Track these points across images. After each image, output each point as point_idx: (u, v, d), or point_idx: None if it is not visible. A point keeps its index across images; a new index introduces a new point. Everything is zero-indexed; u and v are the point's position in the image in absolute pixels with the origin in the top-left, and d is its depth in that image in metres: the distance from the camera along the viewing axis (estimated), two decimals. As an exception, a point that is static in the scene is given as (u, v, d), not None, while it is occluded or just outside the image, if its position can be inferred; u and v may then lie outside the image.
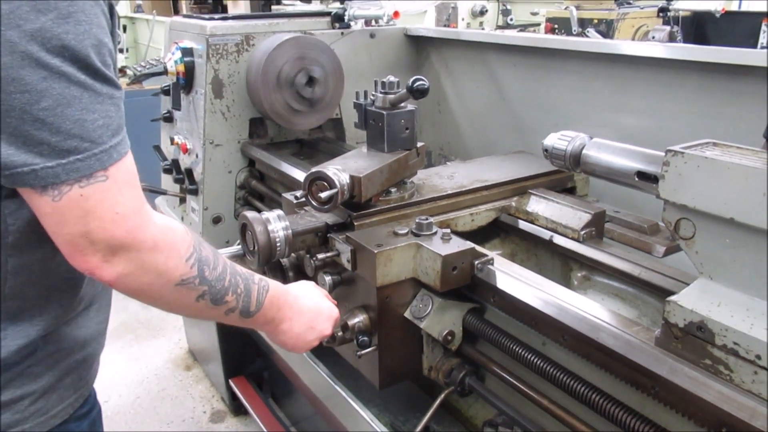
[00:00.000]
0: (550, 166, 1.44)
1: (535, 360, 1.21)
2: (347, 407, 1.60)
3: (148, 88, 4.19)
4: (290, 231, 1.41)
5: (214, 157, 2.42)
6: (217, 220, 2.52)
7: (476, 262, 1.32)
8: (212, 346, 2.91)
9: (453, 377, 1.41)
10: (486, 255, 1.34)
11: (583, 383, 1.12)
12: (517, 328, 1.29)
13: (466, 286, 1.34)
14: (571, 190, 1.80)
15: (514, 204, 1.68)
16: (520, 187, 1.71)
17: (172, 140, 2.61)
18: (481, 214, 1.65)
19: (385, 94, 1.56)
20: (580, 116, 2.22)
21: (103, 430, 1.27)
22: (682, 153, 0.94)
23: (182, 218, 2.73)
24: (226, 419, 3.06)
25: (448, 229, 1.37)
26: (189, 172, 2.51)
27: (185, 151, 2.52)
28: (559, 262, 1.63)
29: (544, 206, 1.63)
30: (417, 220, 1.38)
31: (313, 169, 1.44)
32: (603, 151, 1.28)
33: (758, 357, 0.88)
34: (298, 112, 2.33)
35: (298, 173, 2.07)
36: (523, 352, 1.23)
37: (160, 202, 2.99)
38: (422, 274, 1.34)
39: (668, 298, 0.99)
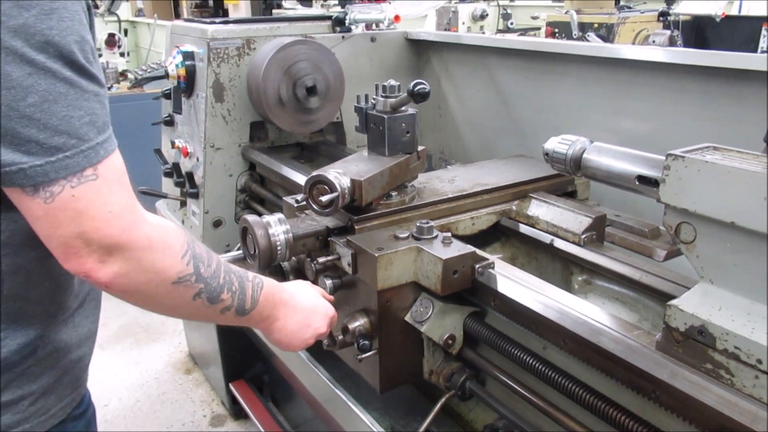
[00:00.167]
0: (551, 170, 1.44)
1: (536, 364, 1.20)
2: (348, 411, 1.60)
3: (149, 92, 4.21)
4: (291, 234, 1.40)
5: (215, 161, 2.43)
6: (217, 224, 2.52)
7: (477, 266, 1.32)
8: (212, 350, 2.91)
9: (453, 381, 1.41)
10: (487, 259, 1.34)
11: (584, 387, 1.12)
12: (518, 332, 1.29)
13: (467, 289, 1.34)
14: (572, 194, 1.80)
15: (514, 208, 1.68)
16: (521, 191, 1.71)
17: (173, 144, 2.61)
18: (482, 218, 1.65)
19: (386, 97, 1.56)
20: (580, 120, 2.22)
21: (97, 430, 1.26)
22: (683, 157, 0.94)
23: (183, 222, 2.74)
24: (226, 423, 3.05)
25: (449, 233, 1.37)
26: (190, 176, 2.51)
27: (186, 154, 2.52)
28: (560, 266, 1.63)
29: (544, 210, 1.63)
30: (418, 224, 1.38)
31: (314, 173, 1.44)
32: (603, 155, 1.28)
33: (759, 361, 0.88)
34: (299, 117, 2.34)
35: (298, 177, 2.08)
36: (524, 356, 1.23)
37: (161, 205, 2.99)
38: (423, 278, 1.34)
39: (669, 302, 0.99)
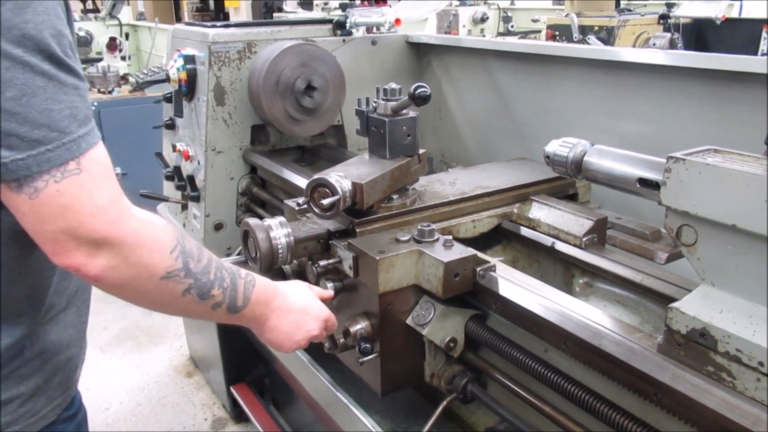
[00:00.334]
0: (552, 173, 1.44)
1: (538, 367, 1.20)
2: (349, 414, 1.60)
3: (151, 95, 4.23)
4: (292, 238, 1.41)
5: (216, 164, 2.43)
6: (218, 227, 2.52)
7: (478, 269, 1.32)
8: (213, 353, 2.91)
9: (455, 384, 1.41)
10: (488, 261, 1.34)
11: (586, 390, 1.12)
12: (520, 335, 1.29)
13: (468, 292, 1.34)
14: (573, 197, 1.80)
15: (515, 210, 1.68)
16: (522, 194, 1.72)
17: (174, 147, 2.62)
18: (483, 221, 1.65)
19: (387, 101, 1.56)
20: (581, 123, 2.23)
21: None
22: (684, 160, 0.94)
23: (184, 225, 2.74)
24: (227, 426, 3.05)
25: (450, 236, 1.37)
26: (191, 179, 2.51)
27: (187, 158, 2.52)
28: (561, 269, 1.63)
29: (545, 213, 1.63)
30: (419, 227, 1.38)
31: (315, 176, 1.44)
32: (604, 158, 1.28)
33: (761, 364, 0.88)
34: (300, 120, 2.34)
35: (299, 180, 2.08)
36: (525, 359, 1.23)
37: (162, 209, 2.99)
38: (424, 281, 1.34)
39: (670, 305, 0.99)
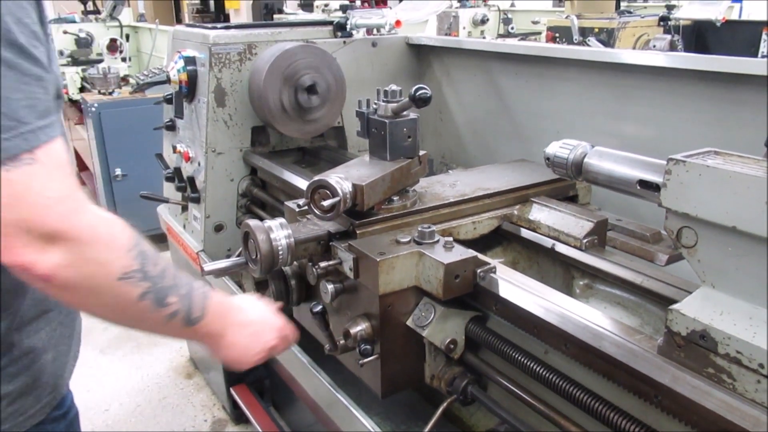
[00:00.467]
0: (552, 175, 1.44)
1: (538, 368, 1.20)
2: (349, 415, 1.59)
3: (151, 97, 4.22)
4: (292, 239, 1.41)
5: (216, 166, 2.43)
6: (219, 228, 2.52)
7: (478, 271, 1.32)
8: (213, 354, 2.90)
9: (455, 386, 1.41)
10: (488, 263, 1.34)
11: (586, 392, 1.12)
12: (520, 337, 1.29)
13: (469, 294, 1.34)
14: (573, 199, 1.80)
15: (516, 212, 1.68)
16: (522, 196, 1.72)
17: (175, 148, 2.62)
18: (483, 223, 1.65)
19: (388, 102, 1.56)
20: (581, 125, 2.23)
21: None
22: (684, 161, 0.95)
23: (184, 226, 2.74)
24: (227, 428, 3.05)
25: (451, 238, 1.37)
26: (191, 181, 2.52)
27: (187, 159, 2.53)
28: (561, 271, 1.63)
29: (546, 214, 1.63)
30: (419, 229, 1.38)
31: (315, 178, 1.44)
32: (605, 160, 1.28)
33: (761, 366, 0.88)
34: (301, 121, 2.34)
35: (300, 181, 2.08)
36: (526, 361, 1.23)
37: (162, 210, 2.99)
38: (424, 283, 1.34)
39: (671, 307, 0.99)
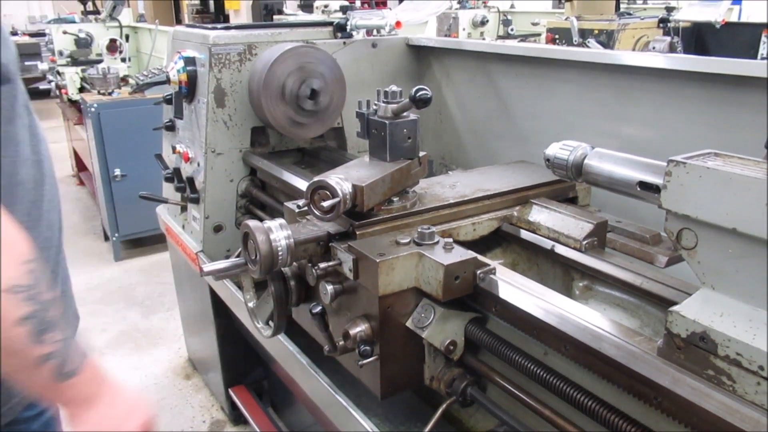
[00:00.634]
0: (552, 176, 1.44)
1: (537, 370, 1.20)
2: (348, 417, 1.59)
3: (151, 97, 4.22)
4: (292, 240, 1.40)
5: (216, 166, 2.43)
6: (218, 229, 2.52)
7: (478, 272, 1.32)
8: (212, 355, 2.90)
9: (455, 387, 1.41)
10: (488, 264, 1.34)
11: (585, 393, 1.12)
12: (519, 338, 1.28)
13: (468, 295, 1.34)
14: (573, 200, 1.80)
15: (515, 213, 1.68)
16: (522, 197, 1.71)
17: (174, 149, 2.62)
18: (483, 224, 1.65)
19: (388, 103, 1.56)
20: (581, 126, 2.23)
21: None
22: (684, 163, 0.95)
23: (183, 227, 2.74)
24: (225, 428, 3.05)
25: (450, 239, 1.36)
26: (190, 181, 2.51)
27: (187, 159, 2.52)
28: (561, 272, 1.63)
29: (546, 216, 1.63)
30: (419, 230, 1.38)
31: (315, 178, 1.44)
32: (605, 161, 1.28)
33: (761, 368, 0.88)
34: (300, 122, 2.34)
35: (299, 182, 2.08)
36: (525, 362, 1.23)
37: (161, 210, 2.99)
38: (424, 284, 1.34)
39: (670, 309, 0.99)
